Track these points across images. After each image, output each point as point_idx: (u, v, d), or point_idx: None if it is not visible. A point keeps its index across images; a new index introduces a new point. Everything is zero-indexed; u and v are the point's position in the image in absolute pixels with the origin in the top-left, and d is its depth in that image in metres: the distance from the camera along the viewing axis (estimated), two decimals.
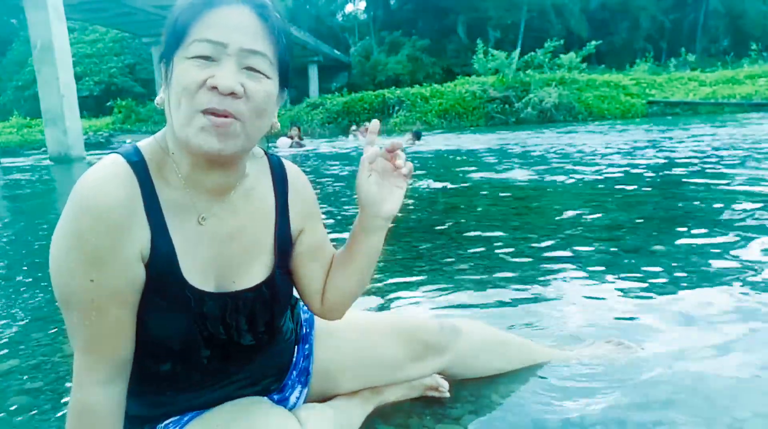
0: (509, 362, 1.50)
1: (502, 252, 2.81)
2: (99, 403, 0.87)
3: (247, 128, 0.86)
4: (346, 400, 1.26)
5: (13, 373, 1.73)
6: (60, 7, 13.44)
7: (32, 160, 14.43)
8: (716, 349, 1.62)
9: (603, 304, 2.04)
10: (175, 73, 0.83)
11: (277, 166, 1.05)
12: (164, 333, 0.90)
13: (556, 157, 7.98)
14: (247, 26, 0.84)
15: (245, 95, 0.83)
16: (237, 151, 0.87)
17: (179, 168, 0.90)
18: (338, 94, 26.12)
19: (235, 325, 0.96)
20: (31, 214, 5.55)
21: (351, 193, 5.43)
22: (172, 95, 0.84)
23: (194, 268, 0.91)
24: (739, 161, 6.22)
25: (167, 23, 0.86)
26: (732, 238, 2.84)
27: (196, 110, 0.82)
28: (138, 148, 0.91)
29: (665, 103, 21.67)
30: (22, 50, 34.11)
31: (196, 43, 0.82)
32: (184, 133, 0.83)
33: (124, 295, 0.85)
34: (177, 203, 0.90)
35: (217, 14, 0.83)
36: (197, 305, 0.91)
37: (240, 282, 0.97)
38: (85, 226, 0.80)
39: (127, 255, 0.83)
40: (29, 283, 2.76)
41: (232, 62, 0.83)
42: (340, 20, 51.46)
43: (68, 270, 0.82)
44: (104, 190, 0.82)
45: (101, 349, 0.86)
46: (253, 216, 0.99)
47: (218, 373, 1.00)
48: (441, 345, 1.32)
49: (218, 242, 0.94)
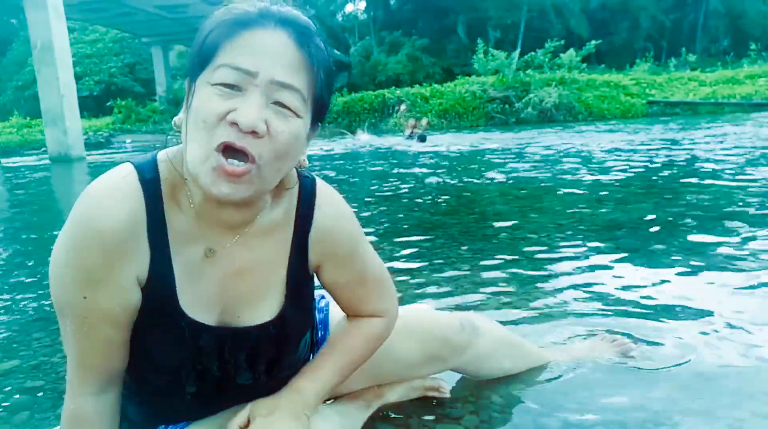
0: (515, 363, 1.49)
1: (502, 251, 2.81)
2: (92, 412, 0.87)
3: (263, 172, 0.77)
4: (349, 402, 1.26)
5: (14, 372, 1.73)
6: (60, 7, 13.43)
7: (32, 160, 14.42)
8: (716, 348, 1.62)
9: (603, 303, 2.04)
10: (196, 99, 0.75)
11: (307, 196, 0.93)
12: (156, 360, 0.88)
13: (555, 157, 7.98)
14: (283, 55, 0.75)
15: (268, 135, 0.75)
16: (249, 197, 0.79)
17: (192, 196, 0.83)
18: (338, 94, 26.10)
19: (234, 361, 0.91)
20: (30, 213, 5.55)
21: (348, 193, 5.44)
22: (190, 121, 0.76)
23: (195, 300, 0.86)
24: (739, 161, 6.22)
25: (196, 39, 0.78)
26: (732, 238, 2.85)
27: (212, 147, 0.74)
28: (156, 163, 0.84)
29: (665, 103, 21.65)
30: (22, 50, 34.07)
31: (223, 69, 0.74)
32: (196, 170, 0.76)
33: (116, 316, 0.81)
34: (186, 231, 0.84)
35: (251, 37, 0.74)
36: (193, 338, 0.86)
37: (244, 319, 0.91)
38: (81, 244, 0.77)
39: (122, 279, 0.79)
40: (30, 282, 2.76)
41: (259, 95, 0.74)
42: (340, 20, 51.41)
43: (63, 283, 0.80)
44: (106, 210, 0.77)
45: (92, 362, 0.84)
46: (267, 253, 0.91)
47: (206, 406, 0.97)
48: (462, 344, 1.27)
49: (226, 278, 0.88)
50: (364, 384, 1.27)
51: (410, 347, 1.21)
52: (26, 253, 3.47)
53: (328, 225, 0.94)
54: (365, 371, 1.20)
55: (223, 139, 0.73)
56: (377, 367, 1.20)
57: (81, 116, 15.12)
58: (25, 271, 3.01)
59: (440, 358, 1.27)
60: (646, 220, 3.41)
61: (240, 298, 0.90)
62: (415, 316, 1.27)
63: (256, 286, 0.91)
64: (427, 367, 1.28)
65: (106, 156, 15.47)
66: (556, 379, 1.47)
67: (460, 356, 1.29)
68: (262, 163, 0.76)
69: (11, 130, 26.46)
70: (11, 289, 2.65)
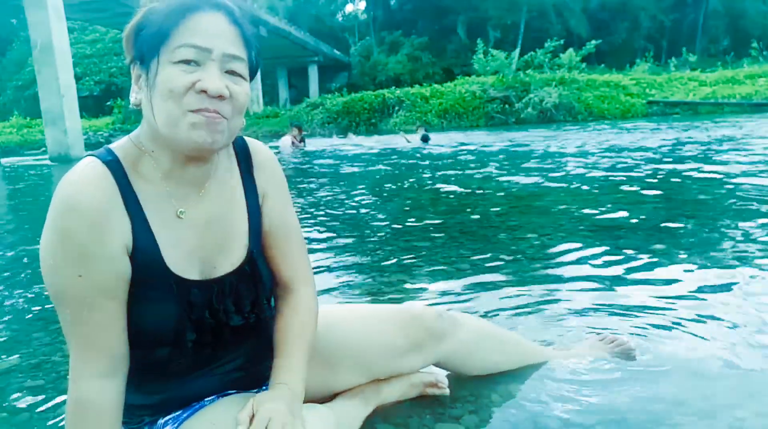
0: (508, 358, 1.50)
1: (502, 251, 2.82)
2: (96, 398, 0.89)
3: (230, 125, 0.92)
4: (346, 401, 1.26)
5: (14, 371, 1.73)
6: (60, 7, 13.42)
7: (32, 160, 14.43)
8: (716, 348, 1.62)
9: (603, 303, 2.04)
10: (160, 77, 0.87)
11: (240, 146, 1.09)
12: (154, 323, 0.93)
13: (555, 156, 7.98)
14: (227, 32, 0.89)
15: (230, 97, 0.89)
16: (222, 146, 0.93)
17: (158, 164, 0.94)
18: (338, 94, 26.10)
19: (223, 309, 0.99)
20: (30, 213, 5.55)
21: (345, 192, 5.43)
22: (156, 96, 0.88)
23: (177, 258, 0.95)
24: (739, 160, 6.22)
25: (144, 24, 0.89)
26: (733, 238, 2.85)
27: (185, 110, 0.86)
28: (110, 149, 0.95)
29: (665, 103, 21.65)
30: (22, 50, 34.10)
31: (182, 49, 0.86)
32: (172, 131, 0.88)
33: (112, 288, 0.88)
34: (155, 197, 0.94)
35: (198, 20, 0.87)
36: (183, 293, 0.94)
37: (221, 267, 1.01)
38: (69, 225, 0.84)
39: (112, 248, 0.87)
40: (30, 282, 2.76)
41: (216, 66, 0.88)
42: (340, 20, 51.46)
43: (57, 268, 0.86)
44: (83, 189, 0.86)
45: (96, 344, 0.89)
46: (228, 202, 1.03)
47: (207, 357, 1.02)
48: (439, 331, 1.32)
49: (198, 232, 0.98)
50: (359, 378, 1.28)
51: (393, 333, 1.27)
52: (26, 253, 3.48)
53: (265, 157, 1.11)
54: (355, 363, 1.25)
55: (195, 105, 0.86)
56: (365, 356, 1.25)
57: (81, 116, 15.13)
58: (25, 271, 3.02)
59: (422, 346, 1.30)
60: (646, 220, 3.41)
61: (214, 247, 1.00)
62: (395, 307, 1.38)
63: (226, 234, 1.02)
64: (412, 355, 1.29)
65: None
66: (555, 379, 1.47)
67: (440, 342, 1.32)
68: (229, 118, 0.90)
69: (11, 130, 26.46)
70: (11, 289, 2.66)
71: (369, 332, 1.26)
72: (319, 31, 41.99)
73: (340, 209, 4.47)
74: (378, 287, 2.32)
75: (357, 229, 3.63)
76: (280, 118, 23.66)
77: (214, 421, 0.98)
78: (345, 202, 4.90)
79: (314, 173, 7.62)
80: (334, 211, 4.39)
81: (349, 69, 42.20)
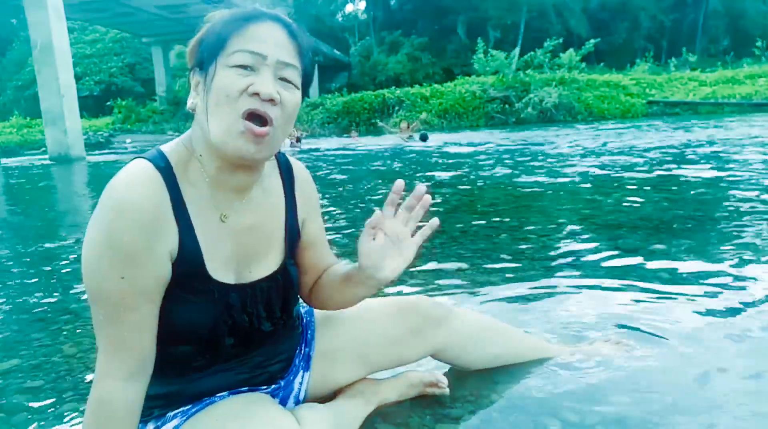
0: (508, 351, 1.50)
1: (502, 251, 2.82)
2: (119, 398, 0.90)
3: (277, 133, 0.93)
4: (346, 400, 1.27)
5: (14, 372, 1.73)
6: (60, 7, 13.45)
7: (32, 160, 14.42)
8: (716, 348, 1.62)
9: (603, 303, 2.04)
10: (216, 80, 0.90)
11: (284, 163, 1.14)
12: (191, 324, 0.96)
13: (555, 156, 7.98)
14: (282, 41, 0.93)
15: (280, 103, 0.92)
16: (267, 156, 0.95)
17: (205, 169, 0.97)
18: (338, 94, 26.11)
19: (255, 313, 1.03)
20: (30, 214, 5.55)
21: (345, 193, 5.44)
22: (211, 100, 0.90)
23: (217, 262, 0.98)
24: (740, 160, 6.22)
25: (206, 33, 0.94)
26: (733, 238, 2.85)
27: (238, 114, 0.89)
28: (163, 153, 0.96)
29: (665, 103, 21.66)
30: (22, 50, 34.10)
31: (239, 53, 0.90)
32: (223, 138, 0.90)
33: (151, 291, 0.90)
34: (201, 203, 0.97)
35: (256, 29, 0.91)
36: (221, 297, 0.98)
37: (256, 272, 1.05)
38: (120, 226, 0.86)
39: (159, 254, 0.89)
40: (29, 282, 2.76)
41: (270, 72, 0.91)
42: (340, 20, 51.44)
43: (101, 269, 0.87)
44: (137, 192, 0.88)
45: (126, 345, 0.90)
46: (268, 211, 1.07)
47: (229, 355, 1.06)
48: (436, 316, 1.34)
49: (238, 238, 1.02)
50: (358, 369, 1.29)
51: (390, 320, 1.30)
52: (26, 253, 3.48)
53: (303, 181, 1.16)
54: (354, 354, 1.26)
55: (247, 106, 0.89)
56: (364, 346, 1.27)
57: (81, 116, 15.15)
58: (25, 271, 3.02)
59: (420, 331, 1.31)
60: (646, 220, 3.41)
61: (251, 253, 1.04)
62: (393, 297, 1.41)
63: (263, 241, 1.06)
64: (411, 342, 1.30)
65: (106, 156, 15.48)
66: (556, 379, 1.47)
67: (437, 328, 1.33)
68: (277, 125, 0.92)
69: (11, 130, 26.47)
70: (11, 289, 2.66)
71: (366, 321, 1.29)
72: (319, 31, 41.96)
73: (340, 209, 4.47)
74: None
75: (356, 229, 3.63)
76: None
77: (219, 417, 1.00)
78: (344, 202, 4.91)
79: (313, 173, 7.62)
80: (334, 211, 4.39)
81: (349, 69, 42.19)
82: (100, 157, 15.12)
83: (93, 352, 1.81)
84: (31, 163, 13.35)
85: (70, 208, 5.84)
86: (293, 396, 1.20)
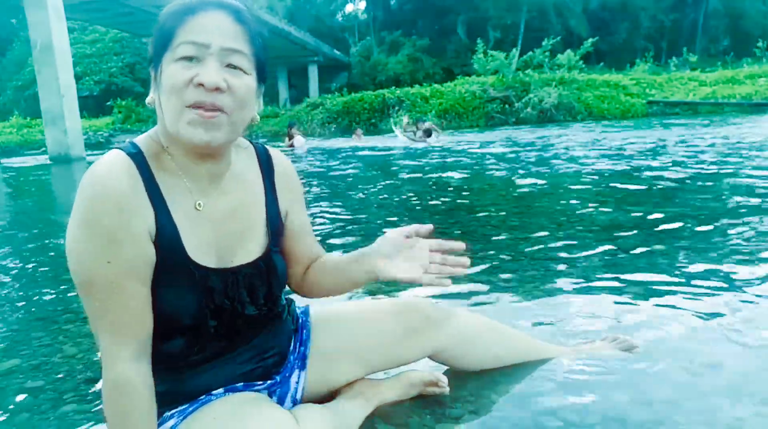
0: (508, 352, 1.50)
1: (502, 251, 2.82)
2: (135, 378, 0.93)
3: (232, 119, 0.94)
4: (346, 401, 1.27)
5: (14, 372, 1.73)
6: (60, 7, 13.42)
7: (32, 160, 14.42)
8: (716, 348, 1.62)
9: (603, 303, 2.04)
10: (164, 75, 0.92)
11: (263, 153, 1.16)
12: (175, 308, 0.97)
13: (555, 157, 7.98)
14: (226, 28, 0.92)
15: (228, 89, 0.92)
16: (223, 142, 0.95)
17: (174, 159, 0.99)
18: (338, 94, 26.08)
19: (237, 297, 1.04)
20: (30, 214, 5.55)
21: (343, 193, 5.43)
22: (162, 95, 0.93)
23: (197, 246, 0.99)
24: (740, 160, 6.22)
25: (154, 31, 0.95)
26: (733, 237, 2.85)
27: (184, 105, 0.90)
28: (134, 143, 1.00)
29: (665, 103, 21.63)
30: (22, 50, 34.09)
31: (182, 46, 0.91)
32: (175, 128, 0.92)
33: (139, 271, 0.92)
34: (175, 189, 0.99)
35: (199, 19, 0.91)
36: (202, 280, 0.99)
37: (238, 259, 1.06)
38: (99, 211, 0.88)
39: (138, 232, 0.91)
40: (30, 282, 2.76)
41: (215, 61, 0.91)
42: (340, 20, 51.44)
43: (86, 255, 0.89)
44: (111, 177, 0.90)
45: (126, 327, 0.92)
46: (244, 198, 1.08)
47: (221, 348, 1.06)
48: (435, 317, 1.34)
49: (215, 224, 1.03)
50: (357, 370, 1.29)
51: (389, 320, 1.30)
52: (26, 253, 3.48)
53: (286, 169, 1.18)
54: (354, 354, 1.26)
55: (193, 98, 0.90)
56: (363, 346, 1.27)
57: (81, 116, 15.12)
58: (25, 271, 3.02)
59: (419, 331, 1.30)
60: (646, 220, 3.41)
61: (231, 240, 1.05)
62: (390, 298, 1.42)
63: (243, 228, 1.07)
64: (410, 341, 1.30)
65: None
66: (556, 379, 1.47)
67: (436, 329, 1.33)
68: (229, 111, 0.93)
69: (11, 130, 26.43)
70: (11, 289, 2.66)
71: (366, 321, 1.29)
72: (319, 31, 41.97)
73: (339, 209, 4.47)
74: (378, 286, 2.32)
75: (356, 229, 3.63)
76: (280, 118, 23.63)
77: (217, 416, 1.00)
78: (344, 202, 4.90)
79: (313, 174, 7.61)
80: (333, 211, 4.39)
81: (349, 69, 42.19)
82: (100, 157, 15.08)
83: (94, 352, 1.81)
84: (31, 163, 13.34)
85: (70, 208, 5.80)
86: (290, 395, 1.20)
